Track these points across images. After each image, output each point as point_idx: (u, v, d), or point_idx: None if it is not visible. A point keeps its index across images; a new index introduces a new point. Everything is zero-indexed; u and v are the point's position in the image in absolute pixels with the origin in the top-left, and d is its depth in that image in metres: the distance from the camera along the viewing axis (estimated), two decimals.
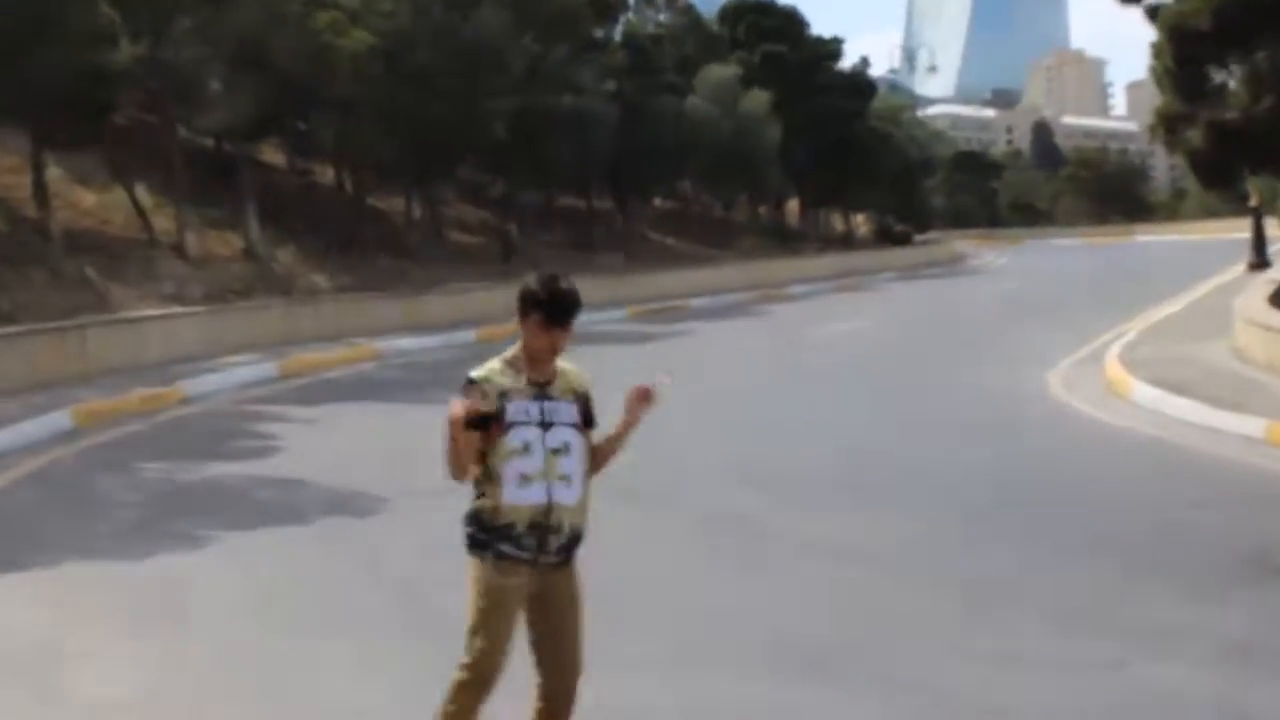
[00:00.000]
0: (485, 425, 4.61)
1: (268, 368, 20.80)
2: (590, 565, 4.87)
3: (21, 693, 6.32)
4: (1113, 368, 17.68)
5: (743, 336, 28.42)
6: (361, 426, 15.61)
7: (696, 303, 37.41)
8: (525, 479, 4.60)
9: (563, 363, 4.74)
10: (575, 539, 4.68)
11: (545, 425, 4.62)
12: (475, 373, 4.70)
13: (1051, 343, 22.47)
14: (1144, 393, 15.40)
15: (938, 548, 8.95)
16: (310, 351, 23.15)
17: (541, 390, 4.66)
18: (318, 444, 14.10)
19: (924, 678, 6.27)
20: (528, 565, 4.61)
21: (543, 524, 4.58)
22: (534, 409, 4.63)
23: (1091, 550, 8.74)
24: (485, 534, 4.68)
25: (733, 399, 17.36)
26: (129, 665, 6.73)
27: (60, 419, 15.05)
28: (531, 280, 4.70)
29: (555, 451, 4.62)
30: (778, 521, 9.83)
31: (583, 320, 4.87)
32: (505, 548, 4.61)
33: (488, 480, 4.67)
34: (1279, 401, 14.00)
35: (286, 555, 9.02)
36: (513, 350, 4.71)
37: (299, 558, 8.96)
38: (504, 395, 4.64)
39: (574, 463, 4.66)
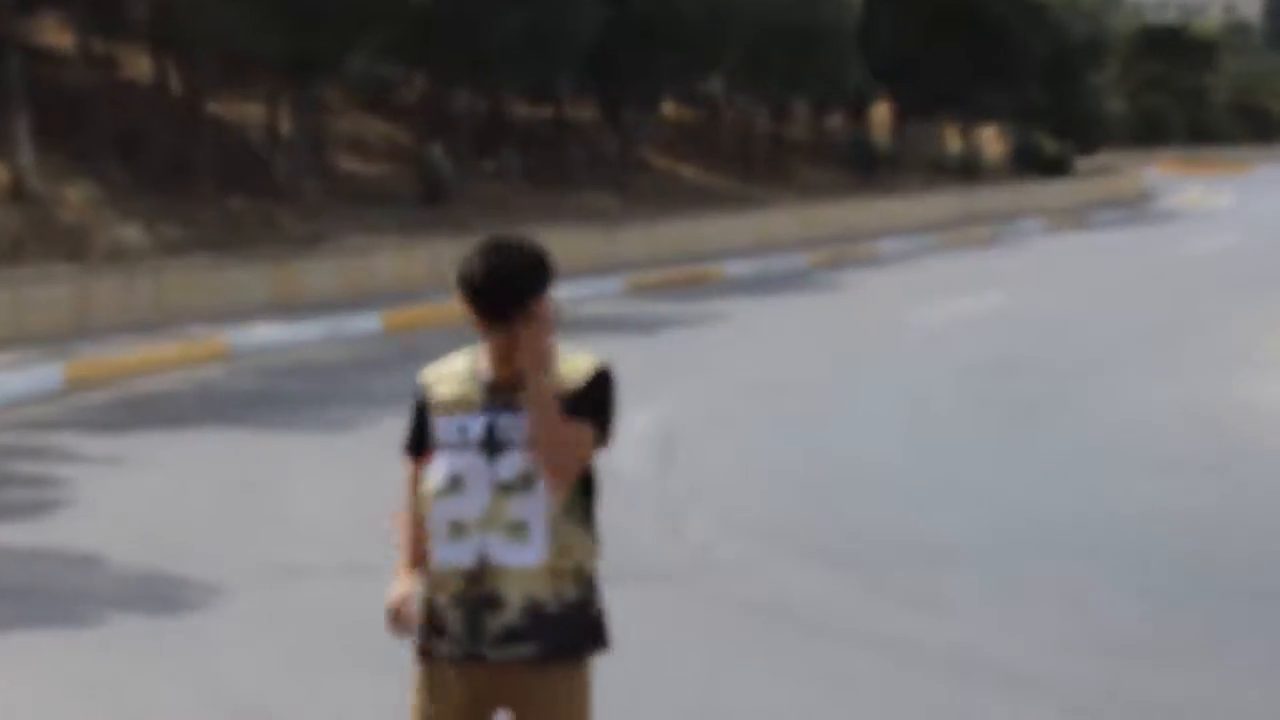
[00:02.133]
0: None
1: (48, 373, 20.71)
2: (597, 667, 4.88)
3: None
4: None
5: (805, 324, 28.28)
6: (196, 470, 15.50)
7: (733, 268, 37.35)
8: (458, 529, 4.74)
9: (564, 354, 4.87)
10: (539, 620, 4.73)
11: (492, 448, 4.73)
12: (426, 373, 4.93)
13: None
14: None
15: (1108, 660, 8.95)
16: (118, 347, 23.08)
17: (502, 398, 4.78)
18: (125, 497, 14.01)
19: None
20: (458, 667, 4.74)
21: (472, 597, 4.71)
22: (475, 426, 4.77)
23: None
24: (420, 622, 4.84)
25: (792, 426, 17.33)
26: None
27: None
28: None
29: (505, 488, 4.71)
30: (863, 614, 9.89)
31: (557, 295, 4.92)
32: (432, 641, 4.78)
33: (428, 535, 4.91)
34: None
35: (71, 672, 8.99)
36: (477, 358, 4.91)
37: (90, 676, 8.92)
38: (438, 408, 4.83)
39: (534, 506, 4.72)
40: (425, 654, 4.79)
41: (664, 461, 14.71)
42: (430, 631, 4.77)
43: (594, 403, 4.79)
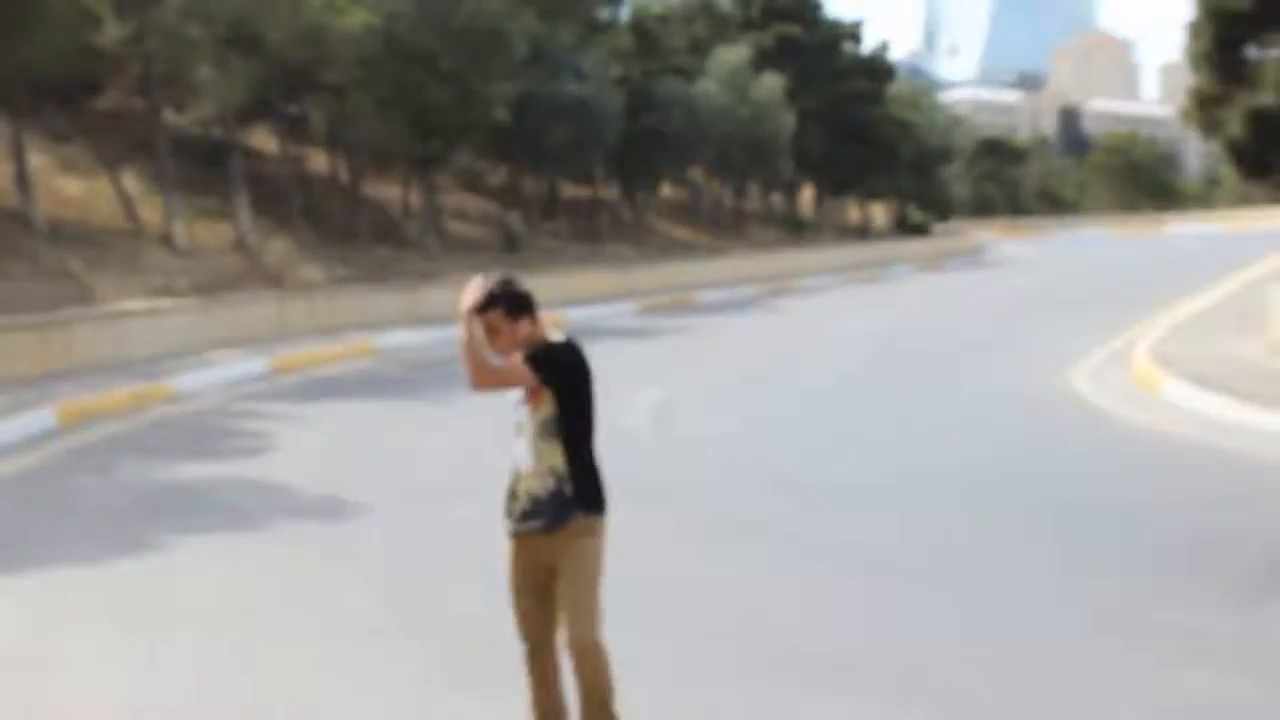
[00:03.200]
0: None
1: (258, 364, 20.77)
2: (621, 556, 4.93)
3: None
4: (1141, 364, 17.59)
5: (756, 333, 28.25)
6: (355, 427, 15.56)
7: (707, 296, 37.33)
8: (513, 447, 5.10)
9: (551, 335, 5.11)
10: (536, 501, 5.01)
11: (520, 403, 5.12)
12: None
13: (1078, 340, 22.37)
14: (1174, 390, 15.32)
15: (956, 554, 8.90)
16: (303, 346, 23.13)
17: None
18: (309, 445, 14.04)
19: (946, 688, 6.22)
20: (514, 541, 5.10)
21: (512, 490, 5.09)
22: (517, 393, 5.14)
23: (1122, 556, 8.68)
24: None
25: (749, 399, 17.29)
26: (104, 673, 6.69)
27: (43, 418, 15.04)
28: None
29: (518, 423, 5.08)
30: (790, 526, 9.81)
31: (591, 314, 4.97)
32: (505, 525, 5.13)
33: None
34: None
35: (272, 560, 9.00)
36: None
37: (285, 563, 8.94)
38: None
39: (528, 432, 5.05)
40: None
41: (661, 424, 14.69)
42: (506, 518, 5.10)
43: (535, 356, 4.95)
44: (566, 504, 4.95)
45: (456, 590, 7.94)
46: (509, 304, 4.94)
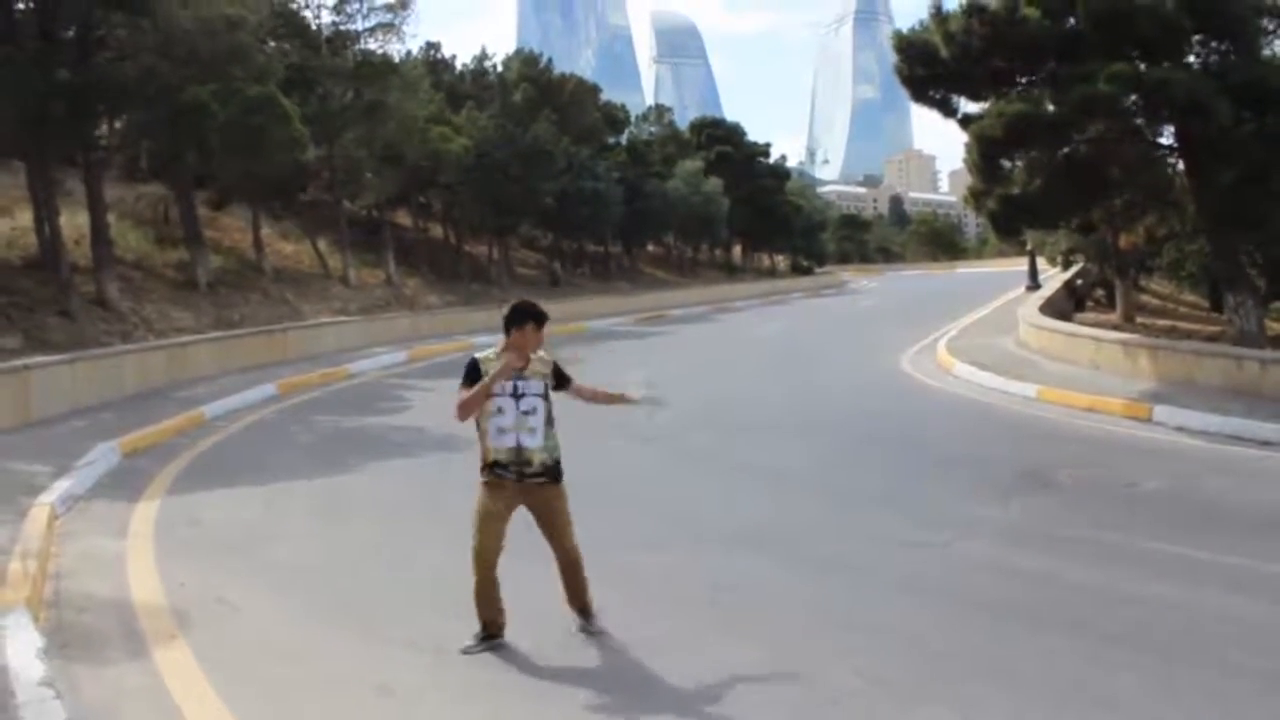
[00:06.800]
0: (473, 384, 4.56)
1: (400, 355, 20.70)
2: (599, 475, 4.82)
3: (241, 561, 6.31)
4: (941, 353, 17.62)
5: (706, 333, 28.15)
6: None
7: (676, 312, 37.17)
8: (501, 431, 4.54)
9: (537, 353, 4.64)
10: (546, 467, 4.55)
11: (518, 396, 4.53)
12: (479, 354, 4.68)
13: (903, 337, 22.35)
14: (962, 369, 15.37)
15: (828, 469, 8.89)
16: (427, 344, 23.03)
17: (518, 373, 4.57)
18: (431, 404, 13.95)
19: (822, 552, 6.25)
20: (513, 482, 4.52)
21: (516, 460, 4.51)
22: (508, 386, 4.55)
23: (928, 471, 8.73)
24: (483, 467, 4.61)
25: (703, 376, 17.12)
26: (311, 543, 6.71)
27: (269, 389, 15.00)
28: (515, 302, 4.69)
29: (524, 413, 4.53)
30: (728, 450, 9.78)
31: (605, 324, 4.86)
32: (495, 473, 4.53)
33: (481, 434, 4.61)
34: (1046, 374, 13.96)
35: (409, 475, 8.98)
36: (498, 347, 4.66)
37: (417, 476, 8.92)
38: (487, 372, 4.57)
39: (539, 419, 4.54)
40: (490, 479, 4.58)
41: (647, 390, 14.66)
42: (494, 469, 4.55)
43: (563, 374, 4.68)
44: (559, 472, 4.62)
45: None
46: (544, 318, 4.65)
